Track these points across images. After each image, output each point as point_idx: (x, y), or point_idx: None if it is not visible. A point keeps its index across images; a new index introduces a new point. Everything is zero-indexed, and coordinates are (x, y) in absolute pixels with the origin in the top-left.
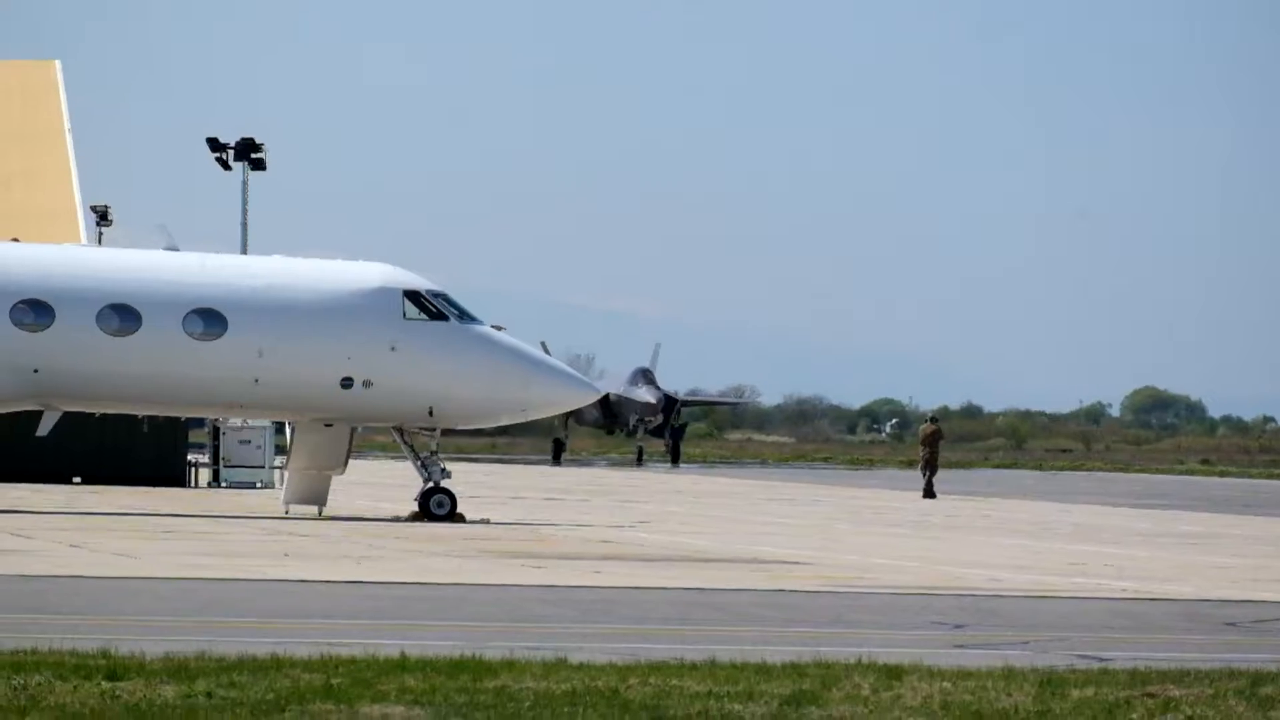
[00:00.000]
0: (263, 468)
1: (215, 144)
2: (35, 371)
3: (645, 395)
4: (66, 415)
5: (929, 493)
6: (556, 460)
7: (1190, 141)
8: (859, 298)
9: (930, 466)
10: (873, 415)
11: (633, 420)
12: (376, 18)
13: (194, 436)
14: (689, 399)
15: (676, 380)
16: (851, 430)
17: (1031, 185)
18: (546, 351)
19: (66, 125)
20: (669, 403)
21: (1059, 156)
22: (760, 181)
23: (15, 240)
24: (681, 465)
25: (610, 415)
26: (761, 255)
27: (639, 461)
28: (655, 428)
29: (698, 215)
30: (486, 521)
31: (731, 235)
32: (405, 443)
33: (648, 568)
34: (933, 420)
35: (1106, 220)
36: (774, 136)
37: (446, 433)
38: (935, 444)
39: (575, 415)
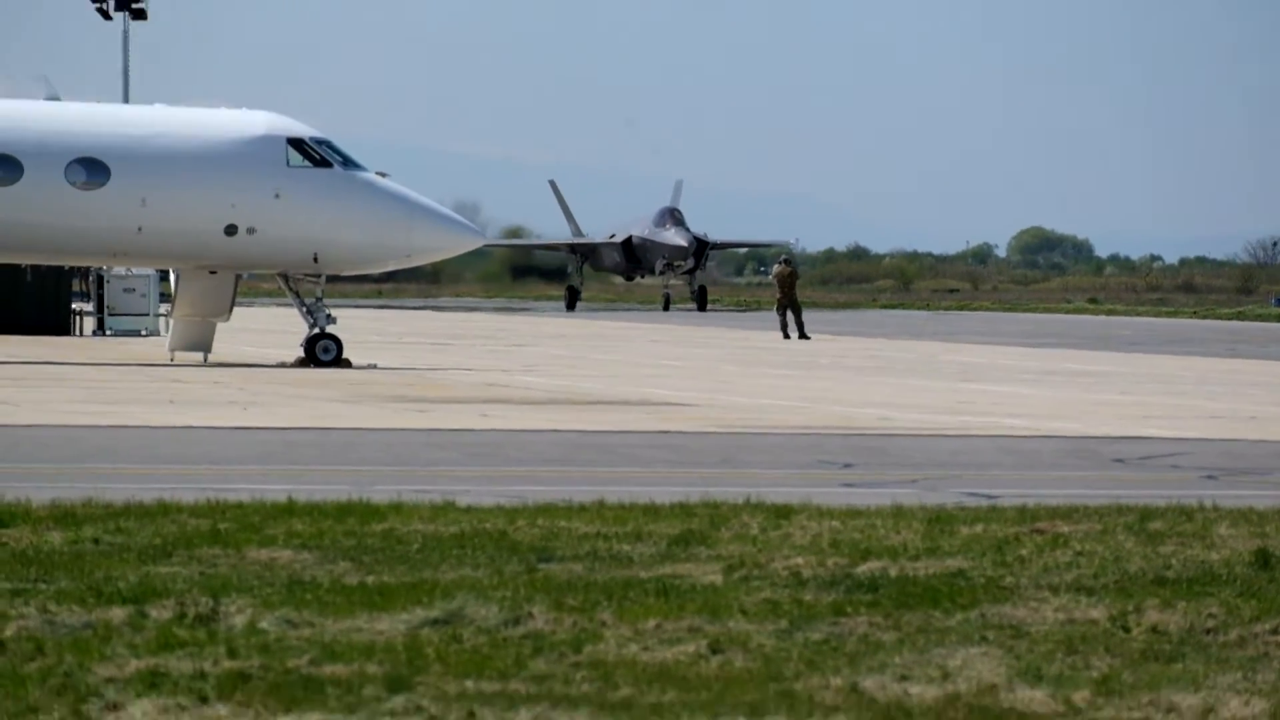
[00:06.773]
0: (147, 315)
1: None
2: None
3: (675, 238)
4: None
5: (789, 333)
6: (571, 307)
7: None
8: (746, 142)
9: (791, 308)
10: (759, 258)
11: (660, 264)
12: None
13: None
14: (720, 241)
15: (561, 227)
16: (739, 272)
17: (918, 27)
18: (556, 191)
19: None
20: (700, 245)
21: None
22: (646, 25)
23: None
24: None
25: (633, 260)
26: (649, 101)
27: (665, 307)
28: (686, 271)
29: (580, 63)
30: (373, 367)
31: (617, 82)
32: (290, 289)
33: (534, 411)
34: (785, 262)
35: (991, 60)
36: None
37: (333, 279)
38: (790, 285)
39: (592, 260)
